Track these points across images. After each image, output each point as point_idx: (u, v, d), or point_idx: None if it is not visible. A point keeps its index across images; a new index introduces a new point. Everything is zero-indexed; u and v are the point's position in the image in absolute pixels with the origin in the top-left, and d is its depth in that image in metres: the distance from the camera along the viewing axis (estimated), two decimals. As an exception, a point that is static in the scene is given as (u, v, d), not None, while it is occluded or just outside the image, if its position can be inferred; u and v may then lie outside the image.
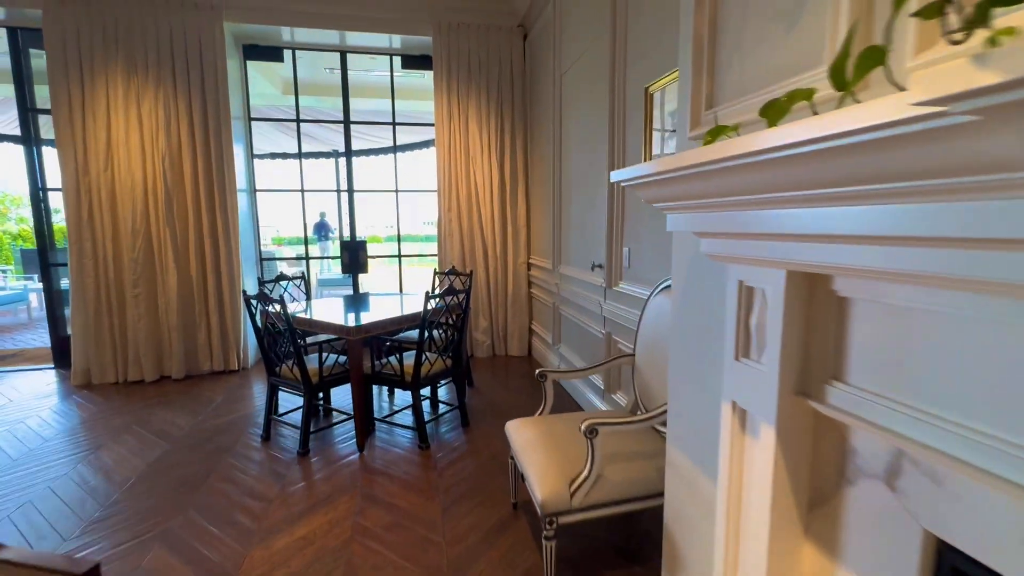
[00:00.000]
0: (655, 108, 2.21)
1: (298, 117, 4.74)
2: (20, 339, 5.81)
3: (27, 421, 3.25)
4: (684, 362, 1.36)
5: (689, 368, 1.34)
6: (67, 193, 3.84)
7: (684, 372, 1.36)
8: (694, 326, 1.30)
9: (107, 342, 3.97)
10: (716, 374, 1.21)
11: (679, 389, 1.39)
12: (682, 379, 1.37)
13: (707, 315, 1.24)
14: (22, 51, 4.06)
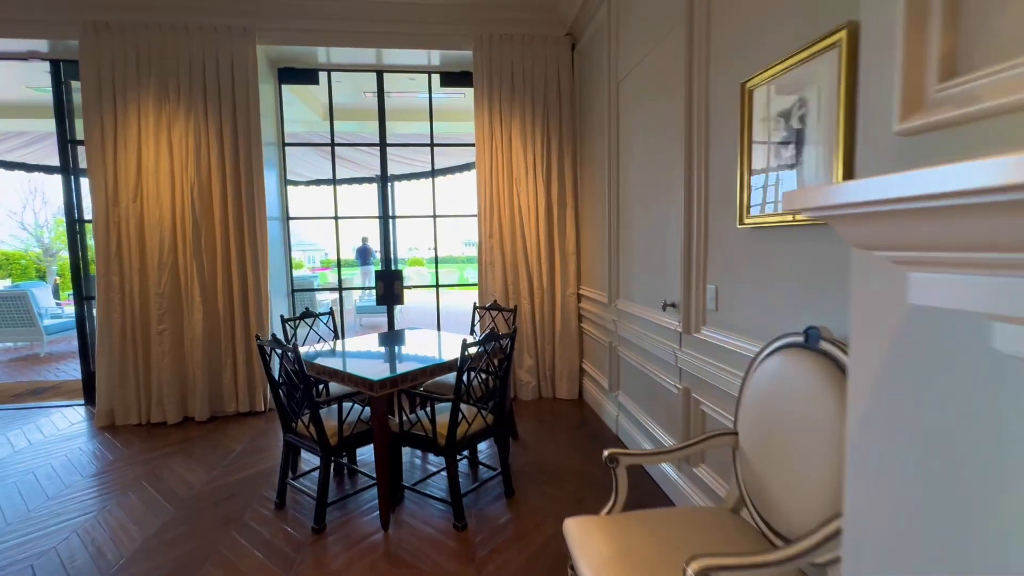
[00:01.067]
0: (756, 108, 1.70)
1: (332, 141, 4.51)
2: (64, 370, 5.80)
3: (37, 471, 3.01)
4: (886, 477, 0.83)
5: (899, 490, 0.80)
6: (97, 224, 3.69)
7: (888, 497, 0.83)
8: (914, 427, 0.78)
9: (131, 382, 3.75)
10: (960, 511, 0.68)
11: (870, 514, 0.85)
12: (880, 507, 0.84)
13: (948, 416, 0.72)
14: (64, 83, 4.02)
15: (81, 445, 3.42)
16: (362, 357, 2.73)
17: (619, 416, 3.32)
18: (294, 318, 3.21)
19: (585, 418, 3.71)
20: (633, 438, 3.05)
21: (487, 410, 2.49)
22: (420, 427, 2.38)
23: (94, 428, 3.73)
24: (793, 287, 1.60)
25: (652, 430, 2.77)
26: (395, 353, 2.82)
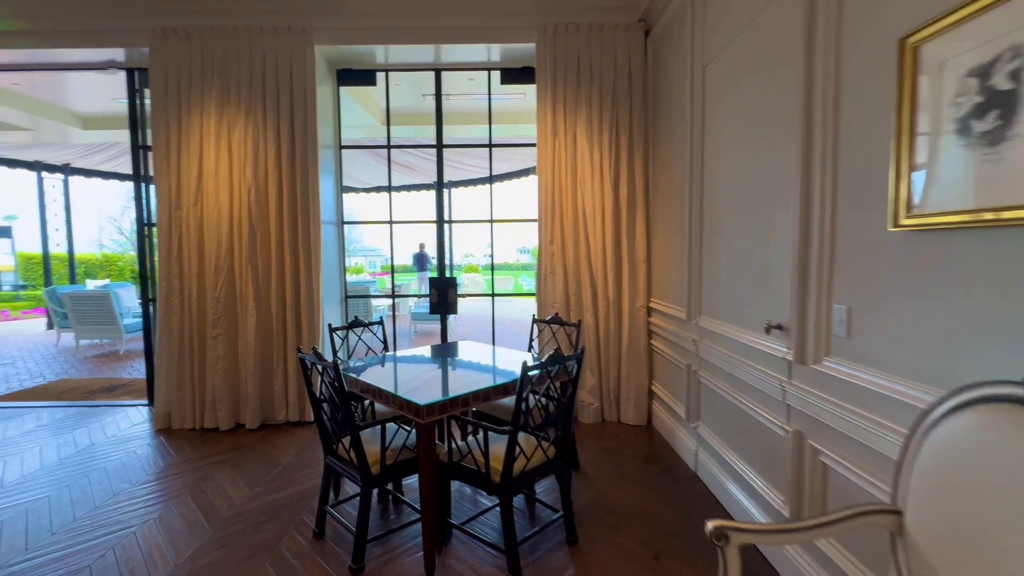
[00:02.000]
0: (925, 70, 1.27)
1: (388, 143, 4.36)
2: (139, 368, 6.04)
3: (91, 475, 2.99)
4: None
5: None
6: (160, 228, 3.72)
7: None
8: None
9: (187, 386, 3.73)
10: None
11: None
12: None
13: None
14: (137, 91, 4.12)
15: (137, 448, 3.40)
16: (409, 374, 2.47)
17: (698, 451, 2.86)
18: (342, 327, 3.03)
19: (656, 449, 3.28)
20: (717, 480, 2.59)
21: (548, 442, 2.14)
22: (471, 459, 2.07)
23: (152, 430, 3.74)
24: (989, 314, 1.15)
25: (746, 474, 2.31)
26: (446, 371, 2.54)
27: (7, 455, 3.32)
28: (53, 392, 4.89)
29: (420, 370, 2.57)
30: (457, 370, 2.58)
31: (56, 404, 4.45)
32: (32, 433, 3.72)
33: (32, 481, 2.94)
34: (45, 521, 2.47)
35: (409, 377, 2.42)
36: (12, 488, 2.85)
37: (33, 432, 3.74)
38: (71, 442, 3.54)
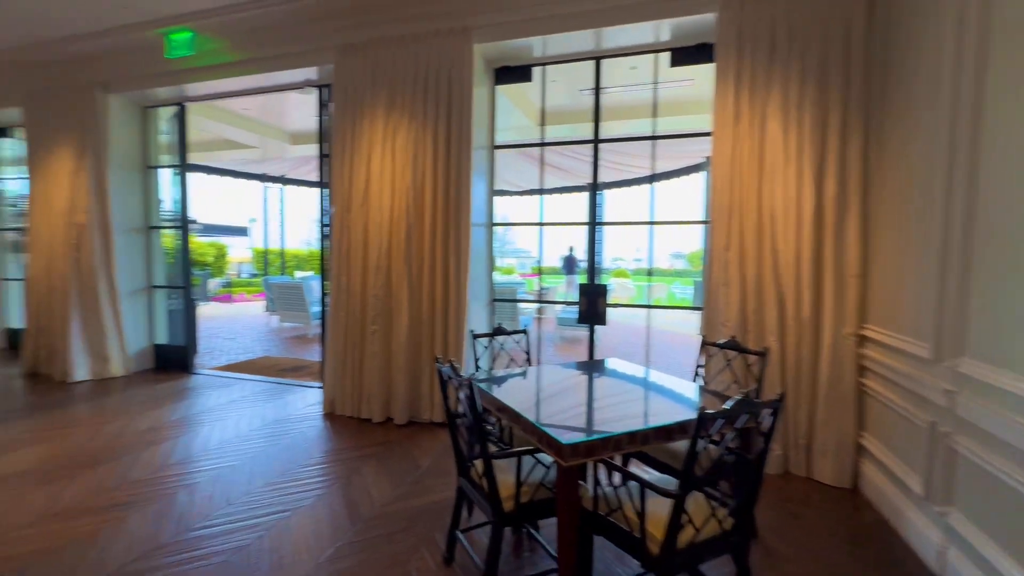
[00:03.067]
0: None
1: (543, 140, 4.14)
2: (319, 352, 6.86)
3: (268, 450, 3.30)
4: None
5: None
6: (333, 229, 4.04)
7: None
8: None
9: (348, 376, 3.99)
10: None
11: None
12: None
13: None
14: (325, 105, 4.58)
15: (307, 430, 3.72)
16: (551, 397, 2.17)
17: (948, 551, 2.02)
18: (485, 335, 2.86)
19: (867, 527, 2.46)
20: (986, 601, 1.77)
21: (726, 508, 1.64)
22: (622, 515, 1.67)
23: (321, 413, 4.08)
24: None
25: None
26: (592, 398, 2.17)
27: (216, 420, 3.90)
28: (255, 367, 5.76)
29: (563, 393, 2.25)
30: (606, 399, 2.19)
31: (255, 378, 5.21)
32: (235, 403, 4.35)
33: (226, 447, 3.36)
34: (226, 490, 2.75)
35: (551, 401, 2.12)
36: (213, 452, 3.29)
37: (235, 402, 4.37)
38: (259, 415, 4.03)
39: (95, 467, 3.04)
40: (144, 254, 5.49)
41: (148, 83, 4.79)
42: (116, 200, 5.08)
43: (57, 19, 4.09)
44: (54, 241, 5.13)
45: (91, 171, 4.96)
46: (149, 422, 3.85)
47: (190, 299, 5.60)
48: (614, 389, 2.31)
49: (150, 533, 2.33)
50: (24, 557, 2.15)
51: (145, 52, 4.61)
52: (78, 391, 4.70)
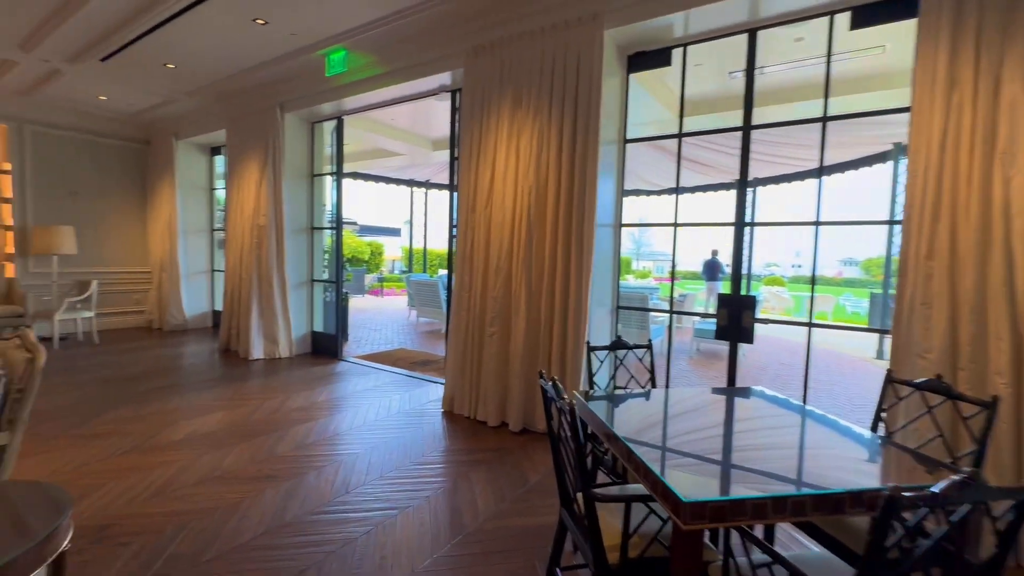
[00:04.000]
0: None
1: (680, 130, 3.68)
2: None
3: (391, 442, 3.44)
4: None
5: None
6: (459, 230, 4.10)
7: None
8: None
9: (467, 376, 4.01)
10: None
11: None
12: None
13: None
14: (457, 110, 4.69)
15: (426, 425, 3.82)
16: (676, 433, 1.82)
17: None
18: (602, 347, 2.58)
19: None
20: None
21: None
22: (759, 602, 1.29)
23: (441, 410, 4.18)
24: None
25: None
26: (730, 444, 1.77)
27: (351, 406, 4.23)
28: (392, 357, 6.20)
29: (691, 429, 1.89)
30: (749, 442, 1.77)
31: (390, 368, 5.58)
32: (369, 391, 4.68)
33: (354, 434, 3.59)
34: (346, 477, 2.90)
35: (674, 437, 1.78)
36: (343, 436, 3.53)
37: (370, 391, 4.71)
38: (387, 406, 4.27)
39: (253, 438, 3.47)
40: (307, 252, 6.26)
41: (314, 100, 5.42)
42: (288, 205, 5.86)
43: (250, 52, 4.82)
44: (243, 240, 6.11)
45: (270, 180, 5.79)
46: (300, 402, 4.31)
47: (341, 292, 6.23)
48: (760, 430, 1.87)
49: (278, 509, 2.53)
50: (185, 514, 2.47)
51: (311, 73, 5.22)
52: (254, 368, 5.51)
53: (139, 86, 5.91)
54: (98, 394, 4.40)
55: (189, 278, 7.69)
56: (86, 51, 4.88)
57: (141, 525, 2.36)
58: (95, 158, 7.41)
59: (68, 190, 7.16)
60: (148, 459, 3.09)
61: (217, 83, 5.76)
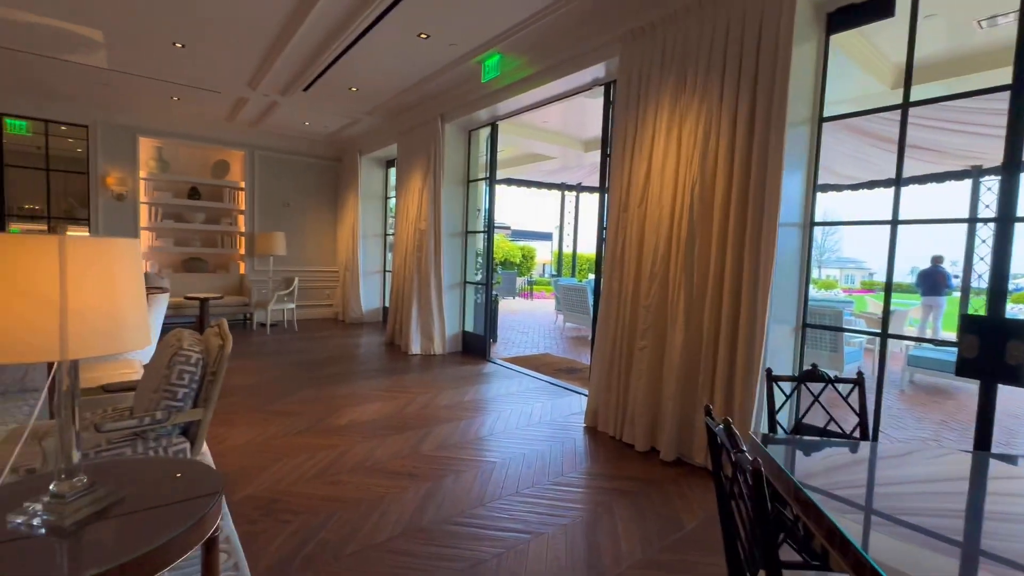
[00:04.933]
0: None
1: (906, 98, 2.82)
2: (595, 355, 6.85)
3: (528, 454, 3.28)
4: None
5: None
6: (608, 231, 3.78)
7: None
8: None
9: (613, 391, 3.66)
10: None
11: None
12: None
13: None
14: (611, 103, 4.38)
15: (566, 440, 3.58)
16: (902, 509, 1.27)
17: None
18: (788, 377, 2.04)
19: None
20: None
21: None
22: None
23: (583, 424, 3.90)
24: None
25: None
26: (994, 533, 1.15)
27: (494, 410, 4.20)
28: (536, 362, 6.11)
29: (926, 505, 1.30)
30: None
31: (533, 374, 5.48)
32: (512, 396, 4.63)
33: (494, 440, 3.52)
34: (482, 487, 2.81)
35: (901, 515, 1.23)
36: (484, 441, 3.49)
37: (513, 395, 4.65)
38: (528, 413, 4.14)
39: (402, 432, 3.62)
40: (461, 254, 6.53)
41: (471, 108, 5.61)
42: (445, 210, 6.18)
43: (415, 67, 5.17)
44: (407, 243, 6.63)
45: (431, 187, 6.17)
46: (447, 400, 4.44)
47: (491, 294, 6.36)
48: (1066, 530, 1.21)
49: (416, 511, 2.52)
50: (337, 500, 2.61)
51: (468, 81, 5.40)
52: (412, 363, 5.91)
53: (332, 110, 6.82)
54: (291, 375, 5.11)
55: (366, 277, 8.69)
56: (292, 83, 5.76)
57: (301, 505, 2.55)
58: (300, 175, 8.83)
59: (282, 202, 8.65)
60: (316, 440, 3.41)
61: (389, 101, 6.34)
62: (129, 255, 1.28)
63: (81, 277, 1.15)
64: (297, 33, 4.34)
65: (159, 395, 2.13)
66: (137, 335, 1.28)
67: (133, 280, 1.29)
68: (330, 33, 4.40)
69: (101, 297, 1.20)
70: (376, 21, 4.08)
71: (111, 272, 1.22)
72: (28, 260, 1.08)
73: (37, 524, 1.22)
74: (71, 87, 6.16)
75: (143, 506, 1.38)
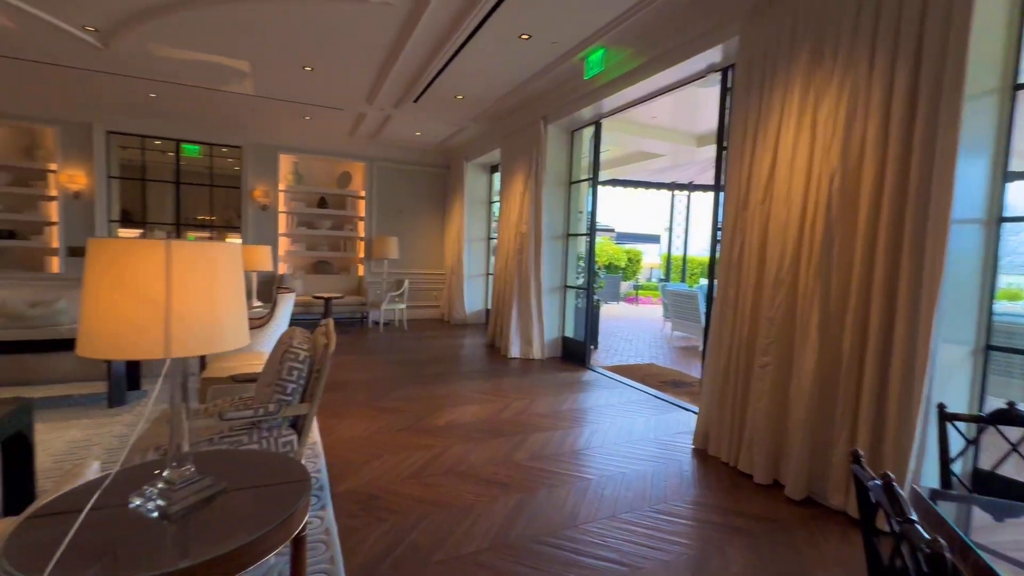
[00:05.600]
0: None
1: None
2: (706, 368, 6.27)
3: (628, 473, 3.03)
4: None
5: None
6: (724, 232, 3.38)
7: None
8: None
9: (728, 411, 3.25)
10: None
11: None
12: None
13: None
14: (729, 90, 3.94)
15: (670, 461, 3.26)
16: None
17: None
18: (969, 416, 1.58)
19: None
20: None
21: None
22: None
23: (691, 445, 3.53)
24: None
25: None
26: None
27: (592, 421, 4.00)
28: (640, 372, 5.75)
29: None
30: None
31: (637, 385, 5.15)
32: (612, 408, 4.37)
33: (592, 455, 3.31)
34: (575, 506, 2.63)
35: None
36: (580, 455, 3.30)
37: (613, 407, 4.39)
38: (630, 428, 3.86)
39: (496, 438, 3.57)
40: (562, 257, 6.39)
41: (573, 107, 5.45)
42: (546, 212, 6.09)
43: (517, 69, 5.15)
44: (509, 246, 6.65)
45: (532, 190, 6.12)
46: (544, 407, 4.32)
47: (592, 299, 6.12)
48: None
49: (505, 524, 2.43)
50: (429, 503, 2.61)
51: (570, 79, 5.25)
52: (511, 366, 5.90)
53: (440, 119, 7.10)
54: (398, 372, 5.37)
55: (470, 280, 8.93)
56: (404, 96, 6.08)
57: (397, 504, 2.60)
58: (413, 183, 9.35)
59: (396, 209, 9.23)
60: (415, 439, 3.49)
61: (492, 106, 6.42)
62: (228, 259, 1.33)
63: (184, 280, 1.22)
64: (405, 47, 4.54)
65: (271, 389, 2.29)
66: (234, 336, 1.34)
67: (231, 283, 1.35)
68: (436, 44, 4.54)
69: (201, 299, 1.26)
70: (478, 27, 4.10)
71: (211, 275, 1.28)
72: (138, 264, 1.16)
73: (151, 508, 1.32)
74: (228, 113, 7.15)
75: (239, 500, 1.44)
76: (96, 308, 1.18)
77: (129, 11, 4.14)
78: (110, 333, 1.17)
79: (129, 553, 1.18)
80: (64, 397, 3.98)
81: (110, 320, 1.17)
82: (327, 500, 2.58)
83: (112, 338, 1.18)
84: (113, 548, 1.19)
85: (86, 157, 7.24)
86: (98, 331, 1.18)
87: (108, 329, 1.17)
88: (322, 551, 2.14)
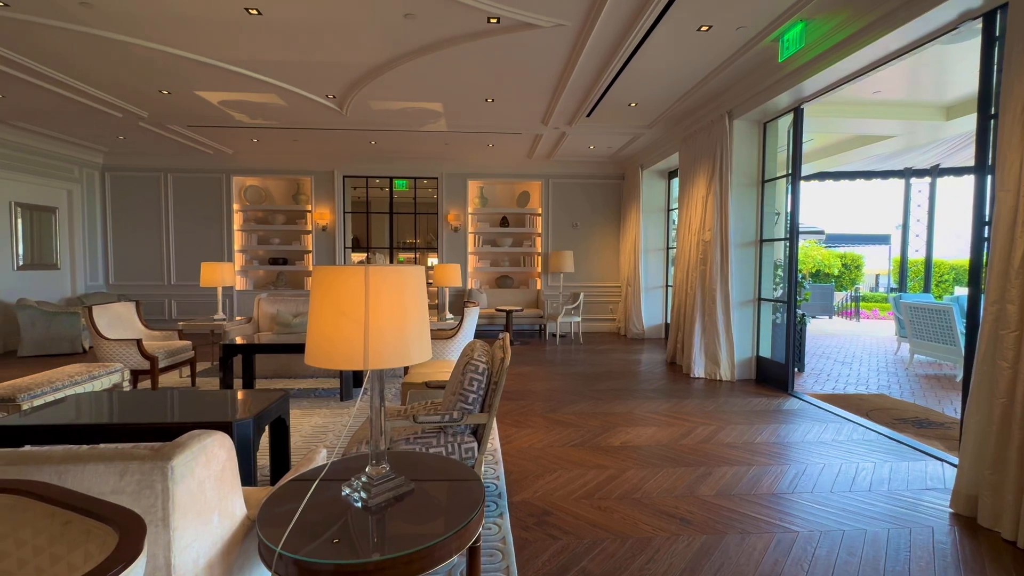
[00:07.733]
0: None
1: None
2: (969, 405, 4.80)
3: (849, 534, 2.44)
4: None
5: None
6: (997, 228, 2.53)
7: None
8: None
9: (1010, 471, 2.39)
10: None
11: None
12: None
13: None
14: (997, 39, 2.98)
15: (915, 525, 2.53)
16: None
17: None
18: None
19: None
20: None
21: None
22: None
23: (949, 510, 2.70)
24: None
25: None
26: None
27: (798, 460, 3.38)
28: (865, 405, 4.68)
29: None
30: None
31: (861, 421, 4.20)
32: (826, 447, 3.63)
33: (797, 503, 2.78)
34: (783, 564, 2.21)
35: None
36: (780, 501, 2.81)
37: (827, 445, 3.65)
38: (852, 474, 3.15)
39: (677, 466, 3.27)
40: (754, 267, 5.64)
41: (765, 96, 4.80)
42: (734, 216, 5.46)
43: (697, 64, 4.77)
44: (690, 256, 6.15)
45: (716, 193, 5.56)
46: (733, 437, 3.82)
47: (794, 314, 5.25)
48: None
49: (688, 569, 2.17)
50: (603, 529, 2.50)
51: (760, 66, 4.64)
52: (694, 386, 5.40)
53: (614, 130, 7.00)
54: (572, 385, 5.39)
55: (648, 292, 8.54)
56: (577, 113, 6.16)
57: (570, 524, 2.55)
58: (586, 196, 9.40)
59: (571, 223, 9.39)
60: (590, 457, 3.41)
61: (669, 110, 6.06)
62: (414, 281, 1.47)
63: (379, 301, 1.38)
64: (577, 63, 4.59)
65: (455, 397, 2.47)
66: (418, 351, 1.46)
67: (416, 301, 1.48)
68: (607, 54, 4.47)
69: (394, 318, 1.40)
70: (651, 28, 3.92)
71: (401, 297, 1.43)
72: (343, 287, 1.35)
73: (355, 499, 1.52)
74: (427, 150, 8.24)
75: (423, 502, 1.55)
76: (318, 324, 1.41)
77: (357, 76, 5.07)
78: (324, 346, 1.38)
79: (345, 535, 1.36)
80: (311, 389, 5.00)
81: (325, 334, 1.39)
82: (504, 508, 2.67)
83: (327, 350, 1.39)
84: (332, 528, 1.39)
85: (329, 197, 9.12)
86: (318, 343, 1.41)
87: (324, 342, 1.39)
88: (498, 559, 2.20)
